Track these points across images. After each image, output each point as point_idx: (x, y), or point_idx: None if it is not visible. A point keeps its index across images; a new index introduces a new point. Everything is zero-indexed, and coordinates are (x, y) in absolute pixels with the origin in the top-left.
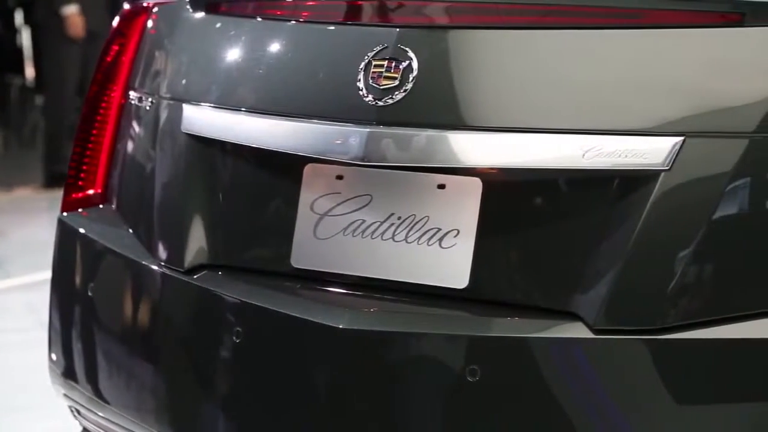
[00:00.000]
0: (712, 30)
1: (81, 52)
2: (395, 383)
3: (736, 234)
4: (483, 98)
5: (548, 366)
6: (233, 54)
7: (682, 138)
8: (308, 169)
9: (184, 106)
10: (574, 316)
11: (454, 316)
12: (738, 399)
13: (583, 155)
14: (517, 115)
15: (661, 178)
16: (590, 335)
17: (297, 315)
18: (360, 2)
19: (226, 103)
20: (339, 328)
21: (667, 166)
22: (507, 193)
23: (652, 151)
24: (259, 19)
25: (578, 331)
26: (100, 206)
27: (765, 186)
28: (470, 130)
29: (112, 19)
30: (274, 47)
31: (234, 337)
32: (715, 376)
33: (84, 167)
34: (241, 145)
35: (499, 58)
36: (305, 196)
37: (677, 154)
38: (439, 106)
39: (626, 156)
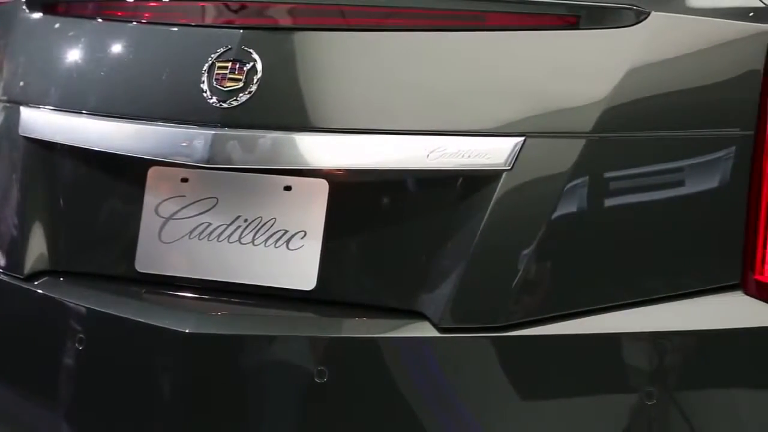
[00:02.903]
0: (550, 33)
1: None
2: (243, 387)
3: (575, 232)
4: (328, 100)
5: (395, 365)
6: (73, 55)
7: (522, 138)
8: (152, 172)
9: (22, 109)
10: (420, 316)
11: (302, 317)
12: (580, 392)
13: (428, 156)
14: (363, 116)
15: (503, 178)
16: (436, 334)
17: (142, 320)
18: (203, 3)
19: (67, 105)
20: (185, 332)
21: (508, 166)
22: (354, 194)
23: (493, 152)
24: (100, 20)
25: (424, 330)
26: None
27: (602, 185)
28: (316, 131)
29: None
30: (116, 49)
31: (77, 345)
32: (558, 371)
33: None
34: (83, 148)
35: (343, 59)
36: (149, 200)
37: (518, 154)
38: (285, 107)
39: (469, 156)
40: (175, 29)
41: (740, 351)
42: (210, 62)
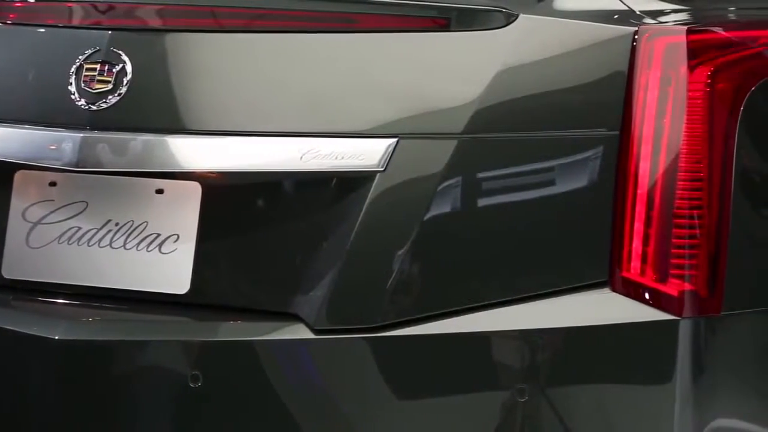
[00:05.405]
0: (421, 35)
1: None
2: (116, 393)
3: (448, 232)
4: (199, 101)
5: (271, 368)
6: None
7: (395, 140)
8: (19, 176)
9: None
10: (295, 318)
11: (175, 322)
12: (455, 391)
13: (301, 157)
14: (235, 118)
15: (376, 179)
16: (311, 336)
17: (9, 327)
18: (70, 4)
19: None
20: (54, 339)
21: (381, 167)
22: (227, 197)
23: (366, 153)
24: None
25: (299, 332)
26: None
27: (474, 185)
28: (187, 133)
29: None
30: None
31: None
32: (433, 370)
33: None
34: None
35: (214, 61)
36: (16, 204)
37: (391, 156)
38: (156, 110)
39: (342, 158)
40: (42, 30)
41: (608, 346)
42: (78, 64)
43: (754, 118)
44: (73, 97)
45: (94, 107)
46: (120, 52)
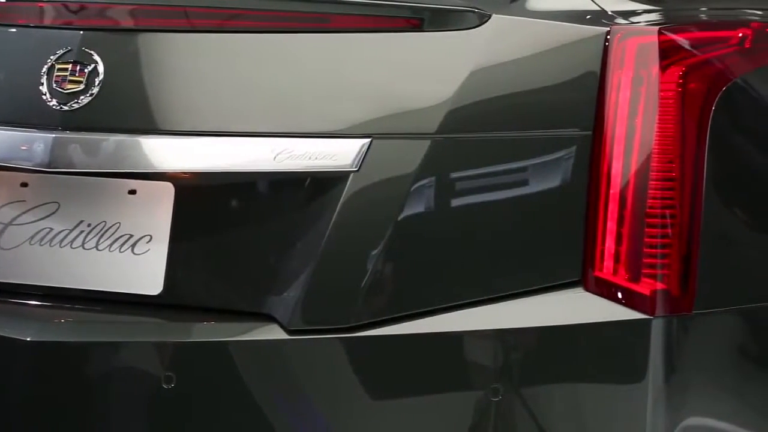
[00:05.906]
0: (394, 35)
1: None
2: (89, 395)
3: (422, 232)
4: (173, 102)
5: (244, 368)
6: None
7: (369, 140)
8: None
9: None
10: (270, 318)
11: (148, 323)
12: (429, 390)
13: (275, 158)
14: (208, 118)
15: (350, 180)
16: (285, 336)
17: None
18: (41, 4)
19: None
20: (26, 340)
21: (355, 167)
22: (200, 197)
23: (340, 153)
24: None
25: (273, 333)
26: None
27: (448, 185)
28: (160, 134)
29: None
30: None
31: None
32: (408, 370)
33: None
34: None
35: (188, 61)
36: None
37: (365, 156)
38: (128, 110)
39: (316, 158)
40: (13, 30)
41: (581, 346)
42: (49, 64)
43: (726, 117)
44: (44, 97)
45: (65, 107)
46: (92, 52)
